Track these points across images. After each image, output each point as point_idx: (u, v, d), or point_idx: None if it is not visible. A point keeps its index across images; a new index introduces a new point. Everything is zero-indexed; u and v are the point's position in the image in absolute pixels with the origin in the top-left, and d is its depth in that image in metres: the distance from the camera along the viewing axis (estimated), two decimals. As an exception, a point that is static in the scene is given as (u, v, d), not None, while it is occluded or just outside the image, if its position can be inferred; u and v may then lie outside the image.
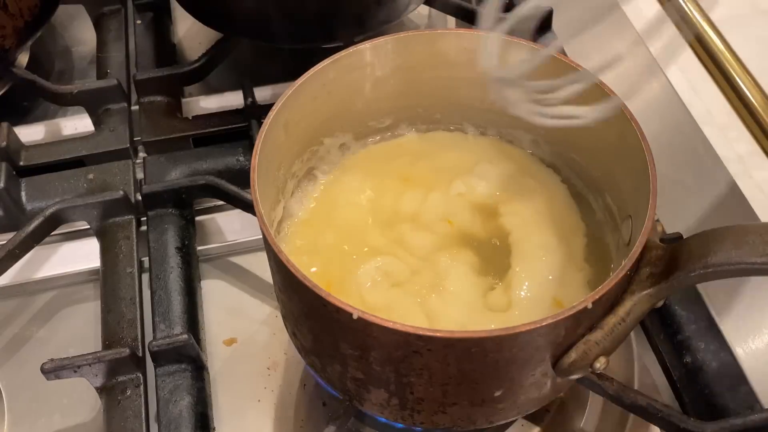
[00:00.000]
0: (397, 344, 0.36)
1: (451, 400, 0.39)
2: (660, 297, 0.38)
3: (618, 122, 0.42)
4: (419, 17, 0.77)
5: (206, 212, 0.60)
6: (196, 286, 0.55)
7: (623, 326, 0.38)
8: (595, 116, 0.39)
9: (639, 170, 0.40)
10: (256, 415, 0.50)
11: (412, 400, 0.40)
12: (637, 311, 0.38)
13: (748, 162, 0.56)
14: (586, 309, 0.35)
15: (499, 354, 0.36)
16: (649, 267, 0.38)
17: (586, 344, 0.38)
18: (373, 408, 0.42)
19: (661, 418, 0.44)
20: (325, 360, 0.42)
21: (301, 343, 0.44)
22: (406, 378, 0.38)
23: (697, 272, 0.36)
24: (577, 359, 0.38)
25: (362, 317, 0.34)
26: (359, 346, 0.37)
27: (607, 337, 0.38)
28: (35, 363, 0.47)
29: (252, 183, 0.40)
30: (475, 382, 0.38)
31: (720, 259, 0.36)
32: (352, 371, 0.40)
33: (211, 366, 0.52)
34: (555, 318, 0.34)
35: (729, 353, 0.50)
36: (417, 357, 0.36)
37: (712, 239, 0.36)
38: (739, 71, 0.62)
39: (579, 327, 0.37)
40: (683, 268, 0.37)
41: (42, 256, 0.57)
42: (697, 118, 0.59)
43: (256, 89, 0.64)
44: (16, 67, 0.66)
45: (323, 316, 0.37)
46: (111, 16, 0.74)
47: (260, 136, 0.42)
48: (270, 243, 0.38)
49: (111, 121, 0.64)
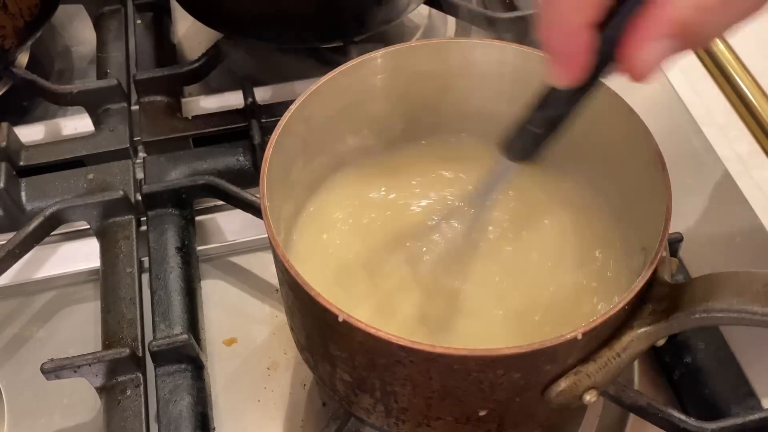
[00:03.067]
0: (380, 352, 0.35)
1: (435, 414, 0.39)
2: (659, 336, 0.37)
3: (644, 151, 0.41)
4: (419, 17, 0.77)
5: (206, 212, 0.60)
6: (196, 286, 0.55)
7: (618, 361, 0.37)
8: None
9: (656, 203, 0.39)
10: (256, 415, 0.50)
11: (396, 409, 0.39)
12: (635, 348, 0.37)
13: (748, 162, 0.56)
14: (575, 339, 0.34)
15: (483, 374, 0.35)
16: (652, 304, 0.37)
17: (577, 375, 0.37)
18: (360, 412, 0.42)
19: (661, 418, 0.44)
20: (317, 358, 0.41)
21: (297, 338, 0.44)
22: (390, 386, 0.37)
23: (697, 315, 0.35)
24: (566, 389, 0.37)
25: (347, 320, 0.34)
26: (345, 348, 0.37)
27: (600, 370, 0.37)
28: (35, 363, 0.47)
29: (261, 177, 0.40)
30: (458, 399, 0.37)
31: (721, 305, 0.34)
32: (340, 372, 0.40)
33: (211, 366, 0.52)
34: (542, 345, 0.33)
35: (729, 353, 0.50)
36: (400, 367, 0.35)
37: (716, 283, 0.35)
38: (739, 71, 0.62)
39: (569, 357, 0.36)
40: (684, 309, 0.36)
41: (42, 256, 0.57)
42: (697, 118, 0.59)
43: (256, 89, 0.64)
44: (16, 67, 0.66)
45: (313, 315, 0.37)
46: (111, 16, 0.74)
47: (273, 137, 0.41)
48: (269, 233, 0.38)
49: (111, 121, 0.64)
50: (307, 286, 0.35)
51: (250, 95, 0.63)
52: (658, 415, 0.44)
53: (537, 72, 0.36)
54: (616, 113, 0.43)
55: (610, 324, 0.36)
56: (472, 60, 0.47)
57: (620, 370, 0.38)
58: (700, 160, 0.57)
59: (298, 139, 0.44)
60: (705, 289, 0.35)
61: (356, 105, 0.47)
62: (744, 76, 0.62)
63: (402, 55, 0.46)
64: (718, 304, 0.35)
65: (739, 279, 0.35)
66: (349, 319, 0.34)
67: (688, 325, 0.36)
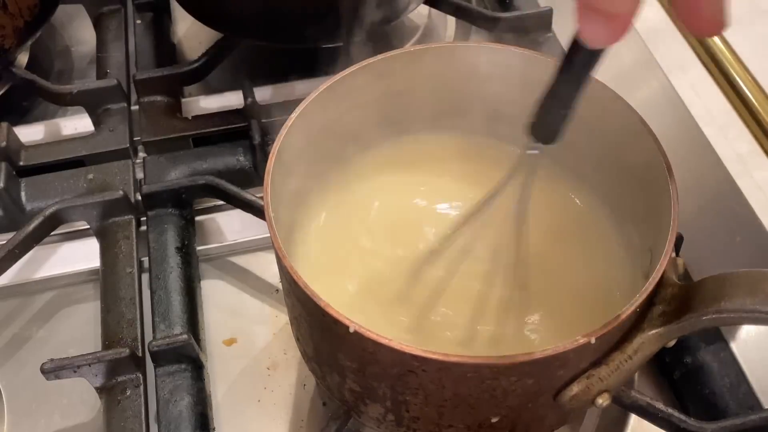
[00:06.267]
0: (393, 362, 0.35)
1: (447, 422, 0.38)
2: (671, 337, 0.37)
3: (646, 152, 0.41)
4: (419, 17, 0.77)
5: (206, 212, 0.60)
6: (196, 286, 0.55)
7: (629, 364, 0.37)
8: None
9: (662, 203, 0.39)
10: (256, 415, 0.50)
11: (407, 418, 0.39)
12: (646, 350, 0.37)
13: (748, 162, 0.56)
14: (588, 344, 0.34)
15: (496, 381, 0.35)
16: (662, 305, 0.37)
17: (590, 379, 0.37)
18: (369, 421, 0.42)
19: (661, 418, 0.44)
20: (325, 369, 0.41)
21: (304, 349, 0.43)
22: (402, 396, 0.37)
23: (710, 316, 0.35)
24: (578, 393, 0.37)
25: (358, 331, 0.34)
26: (356, 359, 0.37)
27: (612, 373, 0.37)
28: (35, 363, 0.47)
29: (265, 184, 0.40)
30: (471, 407, 0.37)
31: (734, 306, 0.34)
32: (349, 383, 0.39)
33: (211, 366, 0.52)
34: (555, 350, 0.33)
35: (729, 353, 0.50)
36: (412, 376, 0.35)
37: (728, 283, 0.35)
38: (739, 71, 0.62)
39: (582, 361, 0.36)
40: (696, 310, 0.35)
41: (42, 256, 0.57)
42: (697, 118, 0.59)
43: (256, 89, 0.64)
44: (15, 67, 0.66)
45: (322, 326, 0.36)
46: (111, 15, 0.74)
47: (277, 142, 0.41)
48: (275, 243, 0.37)
49: (111, 121, 0.64)
50: (316, 297, 0.35)
51: (250, 95, 0.63)
52: (658, 415, 0.44)
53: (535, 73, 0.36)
54: (620, 116, 0.43)
55: (623, 327, 0.36)
56: (472, 62, 0.47)
57: (632, 373, 0.37)
58: (700, 160, 0.57)
59: (300, 146, 0.44)
60: (716, 290, 0.35)
61: (357, 110, 0.47)
62: (744, 76, 0.62)
63: (401, 59, 0.46)
64: (730, 305, 0.34)
65: (751, 278, 0.35)
66: (360, 329, 0.34)
67: (700, 326, 0.36)
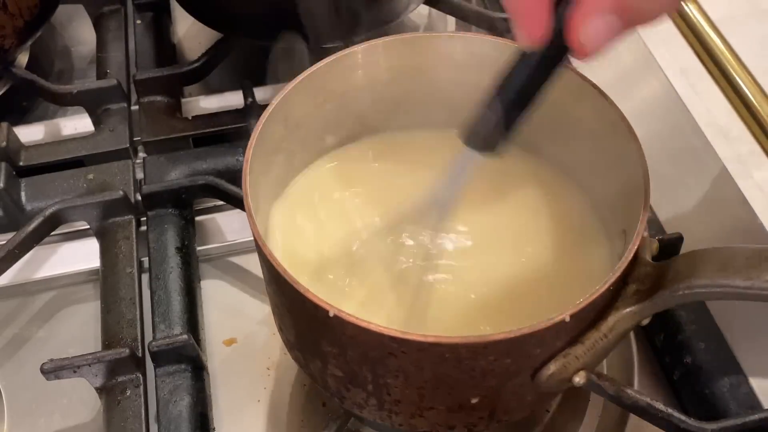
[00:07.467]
0: (372, 345, 0.35)
1: (427, 404, 0.39)
2: (644, 315, 0.37)
3: (617, 135, 0.41)
4: (419, 17, 0.77)
5: (206, 212, 0.60)
6: (196, 287, 0.55)
7: (605, 342, 0.37)
8: None
9: (634, 183, 0.40)
10: (256, 415, 0.50)
11: (389, 401, 0.39)
12: (620, 328, 0.37)
13: (748, 162, 0.56)
14: (563, 322, 0.34)
15: (474, 361, 0.35)
16: (635, 284, 0.37)
17: (566, 358, 0.37)
18: (353, 407, 0.42)
19: (661, 418, 0.44)
20: (307, 356, 0.42)
21: (287, 338, 0.44)
22: (383, 379, 0.38)
23: (681, 292, 0.36)
24: (556, 372, 0.37)
25: (338, 315, 0.34)
26: (336, 343, 0.37)
27: (588, 352, 0.37)
28: (35, 363, 0.47)
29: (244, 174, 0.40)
30: (450, 388, 0.37)
31: (704, 281, 0.35)
32: (331, 368, 0.40)
33: (210, 366, 0.52)
34: (531, 329, 0.34)
35: (729, 353, 0.50)
36: (392, 359, 0.36)
37: (699, 260, 0.36)
38: (739, 71, 0.62)
39: (558, 340, 0.37)
40: (668, 287, 0.36)
41: (42, 256, 0.57)
42: (697, 118, 0.59)
43: (256, 89, 0.64)
44: (15, 67, 0.66)
45: (303, 312, 0.37)
46: (111, 15, 0.74)
47: (255, 133, 0.42)
48: (254, 232, 0.38)
49: (111, 121, 0.64)
50: (296, 283, 0.35)
51: (250, 95, 0.63)
52: (658, 415, 0.44)
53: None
54: (583, 95, 0.43)
55: (597, 305, 0.37)
56: (447, 53, 0.47)
57: (608, 351, 0.38)
58: (700, 160, 0.57)
59: (277, 137, 0.44)
60: (688, 266, 0.36)
61: (335, 100, 0.48)
62: (744, 76, 0.61)
63: (379, 49, 0.47)
64: (701, 280, 0.35)
65: (722, 254, 0.36)
66: (340, 313, 0.34)
67: (672, 303, 0.37)
